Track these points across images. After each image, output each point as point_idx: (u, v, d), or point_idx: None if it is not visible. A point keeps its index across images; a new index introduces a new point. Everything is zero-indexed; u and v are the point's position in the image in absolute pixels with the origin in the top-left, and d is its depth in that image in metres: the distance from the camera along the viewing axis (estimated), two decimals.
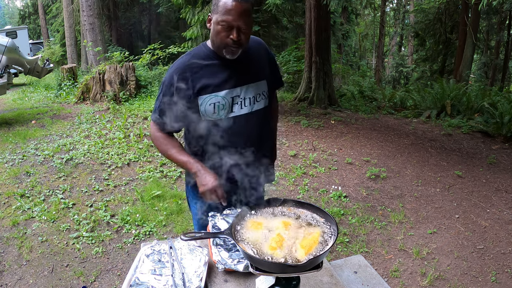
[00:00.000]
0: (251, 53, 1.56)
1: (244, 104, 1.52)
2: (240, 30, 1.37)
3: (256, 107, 1.55)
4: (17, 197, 3.77)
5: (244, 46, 1.43)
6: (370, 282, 1.52)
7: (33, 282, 2.73)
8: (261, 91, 1.57)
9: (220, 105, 1.48)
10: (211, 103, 1.47)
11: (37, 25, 24.75)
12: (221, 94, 1.47)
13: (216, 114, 1.49)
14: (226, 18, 1.35)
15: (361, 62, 23.69)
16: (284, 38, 12.47)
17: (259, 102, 1.56)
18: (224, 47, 1.41)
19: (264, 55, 1.63)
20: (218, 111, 1.48)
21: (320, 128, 6.08)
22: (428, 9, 14.32)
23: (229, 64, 1.49)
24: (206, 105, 1.47)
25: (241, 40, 1.39)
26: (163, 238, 3.21)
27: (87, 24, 10.55)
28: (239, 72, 1.51)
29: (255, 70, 1.56)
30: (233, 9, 1.33)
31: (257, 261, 1.04)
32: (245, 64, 1.52)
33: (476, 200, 3.94)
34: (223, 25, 1.36)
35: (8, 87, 7.10)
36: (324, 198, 3.96)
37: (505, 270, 2.87)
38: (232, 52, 1.42)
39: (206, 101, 1.47)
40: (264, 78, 1.58)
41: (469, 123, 6.50)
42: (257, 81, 1.55)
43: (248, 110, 1.53)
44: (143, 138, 5.26)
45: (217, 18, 1.38)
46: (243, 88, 1.51)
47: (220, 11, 1.36)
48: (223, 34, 1.38)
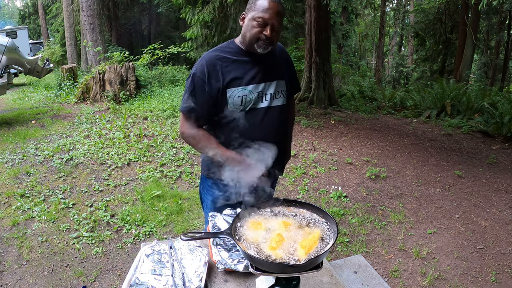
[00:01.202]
0: (275, 54, 1.71)
1: (265, 99, 1.64)
2: (273, 28, 1.51)
3: (275, 103, 1.67)
4: (17, 197, 3.77)
5: (274, 43, 1.57)
6: (370, 282, 1.52)
7: (33, 282, 2.73)
8: (281, 89, 1.69)
9: (248, 98, 1.59)
10: (239, 96, 1.57)
11: (37, 25, 24.75)
12: (248, 88, 1.59)
13: (242, 107, 1.59)
14: (263, 15, 1.49)
15: (361, 62, 23.70)
16: (284, 38, 12.47)
17: (277, 99, 1.68)
18: (256, 41, 1.53)
19: (285, 59, 1.78)
20: (245, 104, 1.59)
21: (320, 128, 6.08)
22: (428, 9, 14.32)
23: (255, 61, 1.61)
24: (235, 98, 1.57)
25: (273, 37, 1.53)
26: (163, 238, 3.21)
27: (87, 24, 10.55)
28: (264, 69, 1.63)
29: (277, 69, 1.69)
30: (270, 8, 1.49)
31: (257, 261, 1.04)
32: (269, 63, 1.66)
33: (476, 200, 3.94)
34: (259, 22, 1.50)
35: (8, 87, 7.10)
36: (324, 198, 3.96)
37: (505, 270, 2.87)
38: (263, 46, 1.54)
39: (234, 93, 1.57)
40: (284, 79, 1.72)
41: (469, 123, 6.50)
42: (278, 79, 1.68)
43: (268, 104, 1.64)
44: (143, 138, 5.26)
45: (254, 15, 1.51)
46: (266, 84, 1.63)
47: (257, 9, 1.50)
48: (257, 29, 1.51)
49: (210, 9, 8.51)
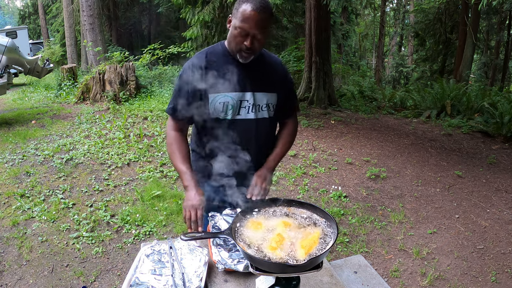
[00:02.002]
0: (267, 64, 1.63)
1: (251, 110, 1.57)
2: (255, 38, 1.43)
3: (261, 116, 1.60)
4: (17, 197, 3.77)
5: (256, 53, 1.49)
6: (370, 282, 1.52)
7: (33, 282, 2.73)
8: (268, 102, 1.61)
9: (229, 105, 1.53)
10: (221, 102, 1.52)
11: (37, 25, 24.74)
12: (231, 94, 1.53)
13: (224, 113, 1.54)
14: (243, 25, 1.40)
15: (361, 62, 23.69)
16: (284, 38, 12.47)
17: (264, 112, 1.61)
18: (238, 51, 1.47)
19: (281, 74, 1.67)
20: (226, 111, 1.53)
21: (320, 128, 6.08)
22: (428, 9, 14.32)
23: (243, 67, 1.54)
24: (216, 103, 1.52)
25: (254, 47, 1.45)
26: (163, 238, 3.21)
27: (87, 24, 10.55)
28: (251, 78, 1.56)
29: (267, 80, 1.61)
30: (251, 18, 1.38)
31: (257, 261, 1.04)
32: (258, 72, 1.59)
33: (476, 200, 3.94)
34: (240, 32, 1.42)
35: (8, 87, 7.10)
36: (324, 198, 3.96)
37: (505, 270, 2.87)
38: (244, 57, 1.48)
39: (216, 99, 1.52)
40: (274, 92, 1.62)
41: (469, 123, 6.50)
42: (266, 91, 1.60)
43: (254, 116, 1.58)
44: (143, 138, 5.26)
45: (235, 24, 1.43)
46: (251, 94, 1.56)
47: (238, 17, 1.41)
48: (238, 39, 1.44)
49: (210, 9, 8.51)
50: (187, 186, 1.51)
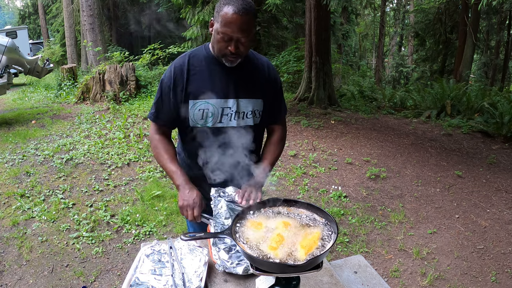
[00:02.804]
0: (254, 68, 1.53)
1: (234, 117, 1.48)
2: (239, 42, 1.35)
3: (244, 123, 1.51)
4: (17, 197, 3.77)
5: (242, 56, 1.41)
6: (370, 282, 1.52)
7: (33, 282, 2.73)
8: (254, 109, 1.52)
9: (209, 112, 1.45)
10: (200, 109, 1.45)
11: (37, 25, 24.75)
12: (211, 101, 1.45)
13: (203, 121, 1.46)
14: (225, 31, 1.32)
15: (361, 62, 23.70)
16: (284, 38, 12.46)
17: (249, 119, 1.52)
18: (222, 56, 1.40)
19: (268, 78, 1.56)
20: (206, 118, 1.46)
21: (320, 128, 6.08)
22: (428, 9, 14.32)
23: (227, 73, 1.46)
24: (195, 110, 1.45)
25: (240, 51, 1.37)
26: (163, 238, 3.21)
27: (87, 24, 10.55)
28: (235, 84, 1.47)
29: (252, 86, 1.51)
30: (233, 22, 1.30)
31: (257, 261, 1.04)
32: (243, 77, 1.49)
33: (476, 200, 3.94)
34: (222, 36, 1.34)
35: (8, 87, 7.10)
36: (324, 198, 3.96)
37: (505, 270, 2.87)
38: (230, 61, 1.41)
39: (196, 106, 1.45)
40: (261, 98, 1.53)
41: (469, 123, 6.50)
42: (251, 97, 1.50)
43: (237, 124, 1.49)
44: (143, 138, 5.26)
45: (217, 28, 1.35)
46: (235, 101, 1.47)
47: (220, 22, 1.33)
48: (222, 44, 1.36)
49: (210, 9, 8.51)
50: (179, 185, 1.46)
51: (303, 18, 9.72)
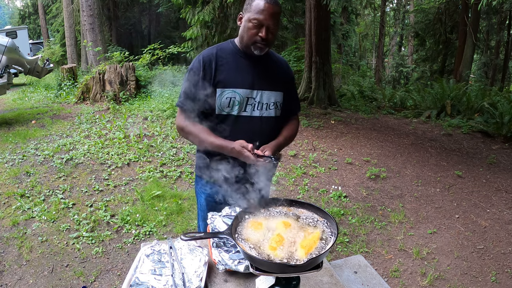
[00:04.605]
0: (275, 64, 1.68)
1: (257, 107, 1.61)
2: (269, 30, 1.49)
3: (267, 114, 1.64)
4: (17, 197, 3.77)
5: (270, 45, 1.55)
6: (370, 282, 1.52)
7: (33, 282, 2.73)
8: (276, 101, 1.65)
9: (236, 101, 1.56)
10: (228, 97, 1.55)
11: (37, 25, 24.76)
12: (238, 91, 1.56)
13: (229, 109, 1.57)
14: (258, 17, 1.47)
15: (361, 62, 23.69)
16: (284, 38, 12.47)
17: (271, 110, 1.64)
18: (252, 43, 1.52)
19: (286, 73, 1.73)
20: (233, 106, 1.56)
21: (320, 128, 6.08)
22: (428, 9, 14.33)
23: (252, 65, 1.59)
24: (223, 98, 1.55)
25: (269, 38, 1.51)
26: (163, 238, 3.21)
27: (87, 24, 10.55)
28: (259, 76, 1.60)
29: (274, 79, 1.65)
30: (265, 9, 1.46)
31: (257, 261, 1.04)
32: (266, 71, 1.63)
33: (476, 200, 3.94)
34: (255, 23, 1.48)
35: (8, 87, 7.10)
36: (324, 198, 3.96)
37: (505, 270, 2.87)
38: (259, 48, 1.52)
39: (223, 94, 1.55)
40: (281, 90, 1.67)
41: (469, 123, 6.50)
42: (273, 90, 1.63)
43: (259, 114, 1.62)
44: (143, 138, 5.26)
45: (249, 16, 1.50)
46: (259, 92, 1.60)
47: (253, 10, 1.49)
48: (253, 31, 1.50)
49: (210, 9, 8.51)
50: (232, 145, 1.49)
51: (303, 18, 9.72)
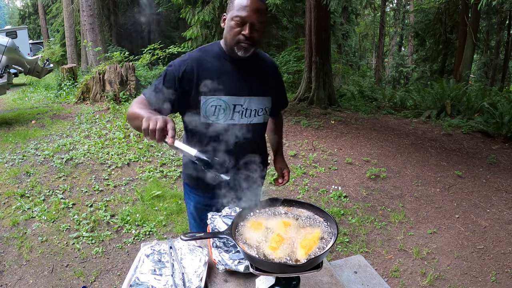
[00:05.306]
0: (263, 67, 1.59)
1: (245, 115, 1.51)
2: (253, 27, 1.39)
3: (256, 121, 1.55)
4: (17, 197, 3.77)
5: (256, 45, 1.44)
6: (370, 282, 1.51)
7: (33, 282, 2.73)
8: (264, 106, 1.56)
9: (221, 109, 1.46)
10: (213, 105, 1.45)
11: (37, 25, 24.77)
12: (224, 98, 1.46)
13: (215, 117, 1.47)
14: (240, 14, 1.37)
15: (361, 62, 23.70)
16: (284, 38, 12.47)
17: (260, 117, 1.56)
18: (236, 43, 1.41)
19: (274, 75, 1.66)
20: (218, 115, 1.46)
21: (320, 128, 6.08)
22: (428, 9, 14.33)
23: (239, 70, 1.49)
24: (208, 106, 1.45)
25: (253, 36, 1.40)
26: (163, 238, 3.21)
27: (87, 24, 10.55)
28: (247, 82, 1.50)
29: (262, 84, 1.56)
30: (248, 5, 1.36)
31: (257, 261, 1.04)
32: (254, 75, 1.53)
33: (476, 200, 3.94)
34: (237, 21, 1.38)
35: (8, 87, 7.10)
36: (324, 198, 3.96)
37: (505, 270, 2.87)
38: (243, 48, 1.41)
39: (208, 101, 1.45)
40: (270, 95, 1.59)
41: (469, 123, 6.50)
42: (262, 95, 1.55)
43: (248, 122, 1.52)
44: (143, 138, 5.26)
45: (232, 15, 1.40)
46: (247, 99, 1.50)
47: (235, 7, 1.39)
48: (236, 29, 1.39)
49: (210, 9, 8.51)
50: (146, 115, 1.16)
51: (303, 18, 9.72)
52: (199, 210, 1.69)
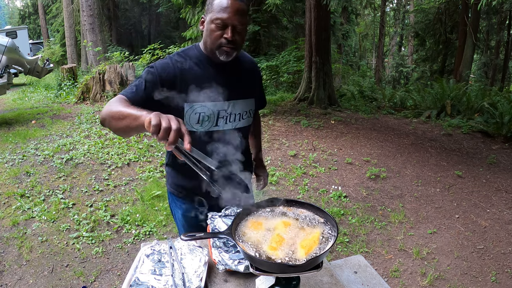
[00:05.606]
0: (244, 69, 1.52)
1: (230, 120, 1.45)
2: (235, 30, 1.31)
3: (240, 125, 1.50)
4: (17, 197, 3.77)
5: (238, 48, 1.37)
6: (370, 282, 1.51)
7: (33, 282, 2.73)
8: (248, 109, 1.51)
9: (206, 116, 1.40)
10: (197, 113, 1.39)
11: (37, 25, 24.78)
12: (208, 105, 1.39)
13: (199, 125, 1.41)
14: (221, 16, 1.29)
15: (361, 62, 23.70)
16: (284, 38, 12.47)
17: (244, 120, 1.51)
18: (217, 48, 1.34)
19: (255, 74, 1.60)
20: (202, 122, 1.40)
21: (320, 128, 6.08)
22: (428, 9, 14.33)
23: (222, 74, 1.42)
24: (192, 114, 1.39)
25: (236, 40, 1.33)
26: (163, 238, 3.21)
27: (87, 24, 10.56)
28: (230, 86, 1.43)
29: (245, 86, 1.50)
30: (229, 6, 1.28)
31: (257, 261, 1.04)
32: (236, 79, 1.47)
33: (476, 200, 3.94)
34: (218, 24, 1.30)
35: (8, 87, 7.11)
36: (324, 198, 3.96)
37: (505, 270, 2.87)
38: (226, 53, 1.34)
39: (192, 109, 1.38)
40: (253, 97, 1.55)
41: (469, 123, 6.50)
42: (246, 98, 1.50)
43: (232, 126, 1.47)
44: (143, 138, 5.27)
45: (212, 17, 1.31)
46: (231, 103, 1.44)
47: (214, 9, 1.31)
48: (217, 33, 1.32)
49: None
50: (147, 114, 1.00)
51: (303, 18, 9.72)
52: (188, 218, 1.63)
